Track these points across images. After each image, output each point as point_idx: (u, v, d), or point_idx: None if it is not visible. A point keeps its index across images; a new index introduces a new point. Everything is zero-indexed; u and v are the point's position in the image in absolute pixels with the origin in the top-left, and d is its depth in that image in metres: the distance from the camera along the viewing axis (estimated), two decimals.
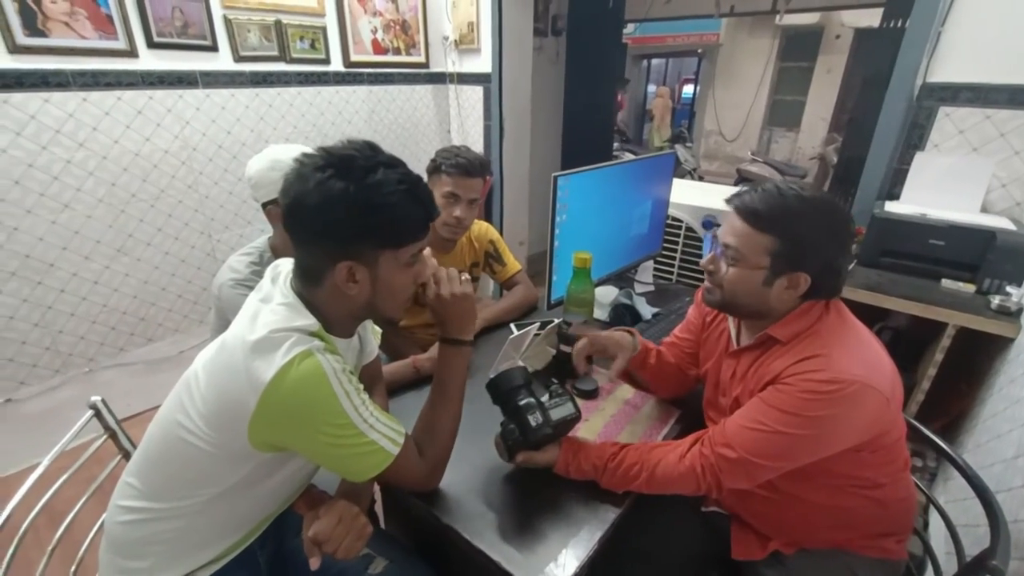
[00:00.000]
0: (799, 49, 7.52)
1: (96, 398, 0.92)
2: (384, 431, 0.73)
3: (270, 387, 0.62)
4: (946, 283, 1.54)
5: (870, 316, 1.63)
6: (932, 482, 1.55)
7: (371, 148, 0.70)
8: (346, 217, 0.66)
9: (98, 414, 0.92)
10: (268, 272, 0.77)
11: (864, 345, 0.81)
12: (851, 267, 1.55)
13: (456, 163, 1.28)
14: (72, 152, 1.81)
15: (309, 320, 0.70)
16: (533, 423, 0.80)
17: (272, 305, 0.70)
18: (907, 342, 1.67)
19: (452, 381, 0.84)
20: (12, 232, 1.73)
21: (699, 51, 8.60)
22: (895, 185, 1.85)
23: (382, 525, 1.18)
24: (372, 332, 0.96)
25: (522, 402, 0.81)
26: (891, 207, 1.69)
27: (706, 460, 0.82)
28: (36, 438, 1.73)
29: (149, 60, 1.92)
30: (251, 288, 0.77)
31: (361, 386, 0.72)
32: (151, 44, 1.91)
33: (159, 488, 0.73)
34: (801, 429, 0.76)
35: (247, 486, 0.74)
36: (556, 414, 0.83)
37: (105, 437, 0.94)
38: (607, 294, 1.57)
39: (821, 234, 0.78)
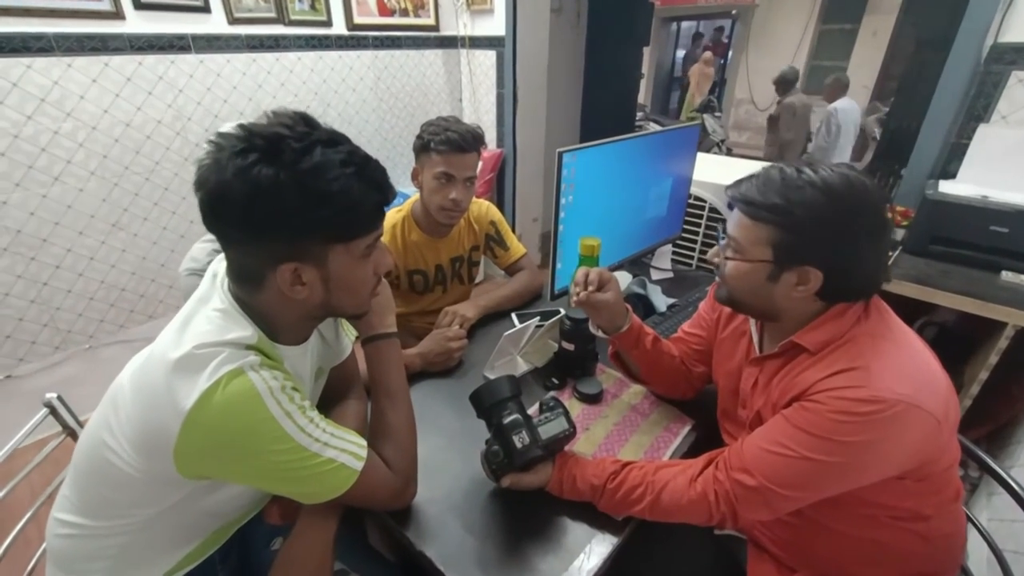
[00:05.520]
0: (842, 9, 6.96)
1: (51, 395, 0.85)
2: (342, 446, 0.64)
3: (193, 414, 0.53)
4: (1007, 276, 1.36)
5: (912, 310, 1.47)
6: (972, 494, 1.41)
7: (305, 122, 0.58)
8: (280, 212, 0.55)
9: (53, 411, 0.85)
10: (212, 267, 0.67)
11: (912, 356, 0.69)
12: (889, 260, 1.38)
13: (446, 138, 1.14)
14: (59, 122, 1.73)
15: (246, 331, 0.60)
16: (519, 444, 0.69)
17: (207, 310, 0.61)
18: (954, 339, 1.51)
19: (393, 380, 0.76)
20: (1, 206, 1.68)
21: (732, 12, 8.06)
22: (951, 162, 1.64)
23: (368, 538, 1.10)
24: (344, 328, 0.86)
25: (507, 420, 0.71)
26: (946, 187, 1.50)
27: (720, 486, 0.72)
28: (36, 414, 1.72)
29: (136, 22, 1.80)
30: None
31: (307, 402, 0.62)
32: (138, 5, 1.79)
33: (93, 506, 0.66)
34: (832, 456, 0.65)
35: (190, 505, 0.66)
36: (546, 431, 0.72)
37: (63, 437, 0.87)
38: (620, 280, 1.44)
39: (827, 221, 0.65)
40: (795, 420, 0.68)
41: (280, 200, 0.54)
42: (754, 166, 0.83)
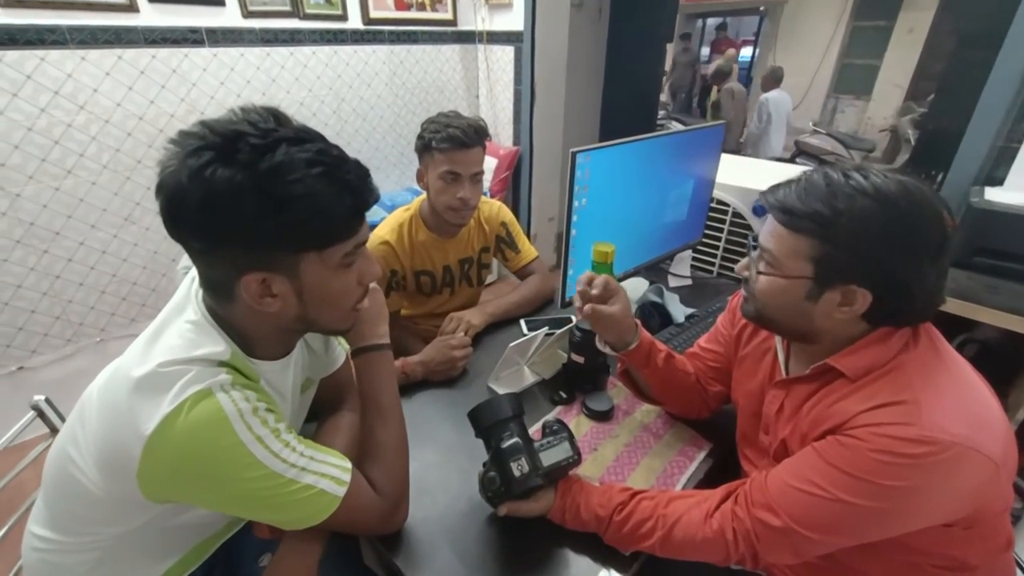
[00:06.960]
0: (876, 5, 6.69)
1: (39, 397, 0.82)
2: (322, 470, 0.59)
3: (154, 439, 0.49)
4: None
5: (952, 326, 1.37)
6: (1015, 527, 1.31)
7: (274, 117, 0.53)
8: (238, 218, 0.49)
9: (41, 415, 0.82)
10: (191, 272, 0.62)
11: (967, 390, 0.61)
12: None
13: (448, 135, 1.09)
14: (72, 115, 1.72)
15: (218, 346, 0.55)
16: (517, 472, 0.63)
17: (179, 322, 0.56)
18: (998, 358, 1.40)
19: (384, 395, 0.71)
20: (15, 199, 1.68)
21: (761, 8, 7.84)
22: (998, 167, 1.52)
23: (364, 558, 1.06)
24: (335, 336, 0.82)
25: (506, 444, 0.65)
26: (992, 195, 1.39)
27: (740, 524, 0.65)
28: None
29: (150, 15, 1.79)
30: None
31: (283, 424, 0.57)
32: None
33: (63, 522, 0.63)
34: (872, 500, 0.58)
35: (163, 522, 0.62)
36: (548, 458, 0.66)
37: (50, 440, 0.84)
38: (636, 288, 1.37)
39: (881, 234, 0.57)
40: (829, 456, 0.60)
41: (237, 205, 0.49)
42: (780, 169, 0.76)
